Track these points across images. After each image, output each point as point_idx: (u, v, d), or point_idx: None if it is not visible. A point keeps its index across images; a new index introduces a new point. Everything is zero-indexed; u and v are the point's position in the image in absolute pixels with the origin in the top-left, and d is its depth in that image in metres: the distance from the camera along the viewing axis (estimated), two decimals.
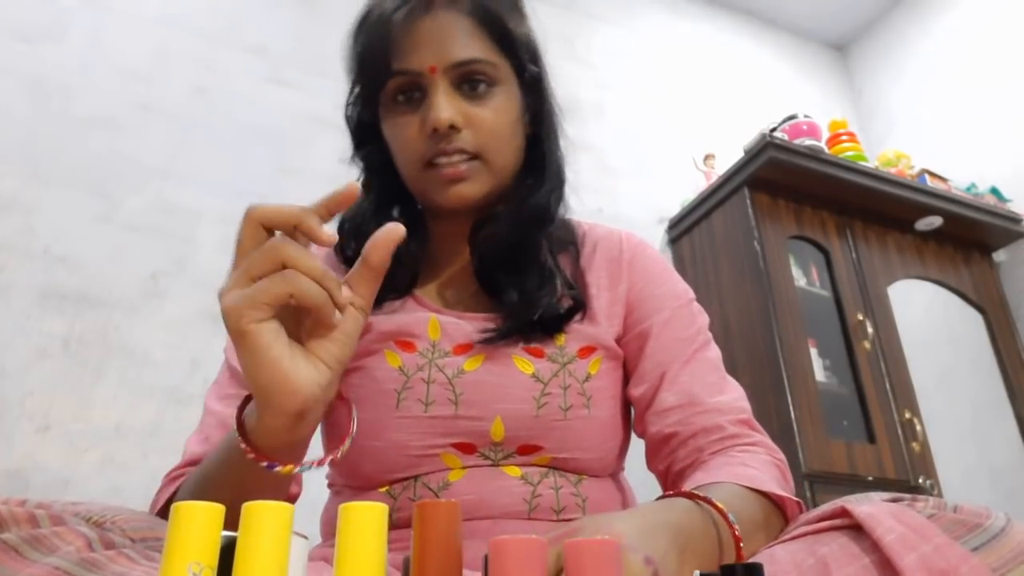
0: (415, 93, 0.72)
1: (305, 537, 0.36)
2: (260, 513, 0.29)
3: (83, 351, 1.63)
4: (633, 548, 0.42)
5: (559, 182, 0.78)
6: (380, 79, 0.72)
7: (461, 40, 0.72)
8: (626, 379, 0.77)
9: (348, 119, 0.81)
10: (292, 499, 0.67)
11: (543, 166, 0.77)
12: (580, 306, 0.74)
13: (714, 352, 0.77)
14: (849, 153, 2.44)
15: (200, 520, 0.29)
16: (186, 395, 1.66)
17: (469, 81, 0.72)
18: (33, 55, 1.86)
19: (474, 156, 0.71)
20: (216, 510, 0.30)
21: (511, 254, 0.74)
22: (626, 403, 0.77)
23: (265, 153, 2.01)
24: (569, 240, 0.80)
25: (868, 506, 0.47)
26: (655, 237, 2.49)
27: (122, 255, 1.75)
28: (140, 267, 1.76)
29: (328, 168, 2.05)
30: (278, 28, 2.20)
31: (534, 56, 0.79)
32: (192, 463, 0.66)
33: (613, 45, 2.83)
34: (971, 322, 2.51)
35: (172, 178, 1.88)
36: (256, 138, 2.01)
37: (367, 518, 0.30)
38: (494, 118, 0.72)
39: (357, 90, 0.78)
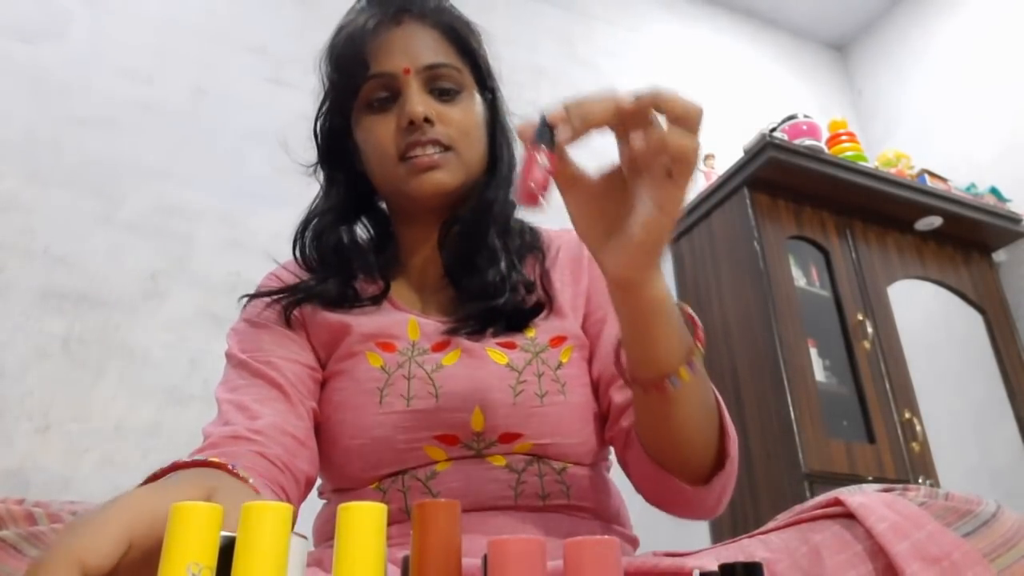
0: (388, 98, 0.78)
1: (304, 537, 0.36)
2: (259, 513, 0.29)
3: (83, 351, 1.63)
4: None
5: (508, 178, 0.84)
6: (356, 83, 0.78)
7: (430, 47, 0.79)
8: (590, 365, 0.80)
9: (317, 131, 0.85)
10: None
11: (496, 168, 0.84)
12: (544, 304, 0.79)
13: None
14: (849, 153, 2.44)
15: (199, 520, 0.29)
16: (186, 395, 1.66)
17: (439, 84, 0.79)
18: (33, 55, 1.86)
19: (447, 148, 0.77)
20: (215, 510, 0.30)
21: (470, 249, 0.79)
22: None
23: (264, 153, 2.01)
24: (535, 245, 0.85)
25: (861, 496, 0.48)
26: None
27: (122, 255, 1.75)
28: (140, 267, 1.76)
29: None
30: (278, 28, 2.20)
31: (491, 74, 0.86)
32: (213, 446, 0.67)
33: (613, 45, 2.83)
34: (971, 322, 2.51)
35: (172, 178, 1.88)
36: (255, 138, 2.01)
37: (366, 518, 0.30)
38: (462, 116, 0.79)
39: (329, 102, 0.84)
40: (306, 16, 2.26)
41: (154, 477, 0.49)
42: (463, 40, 0.83)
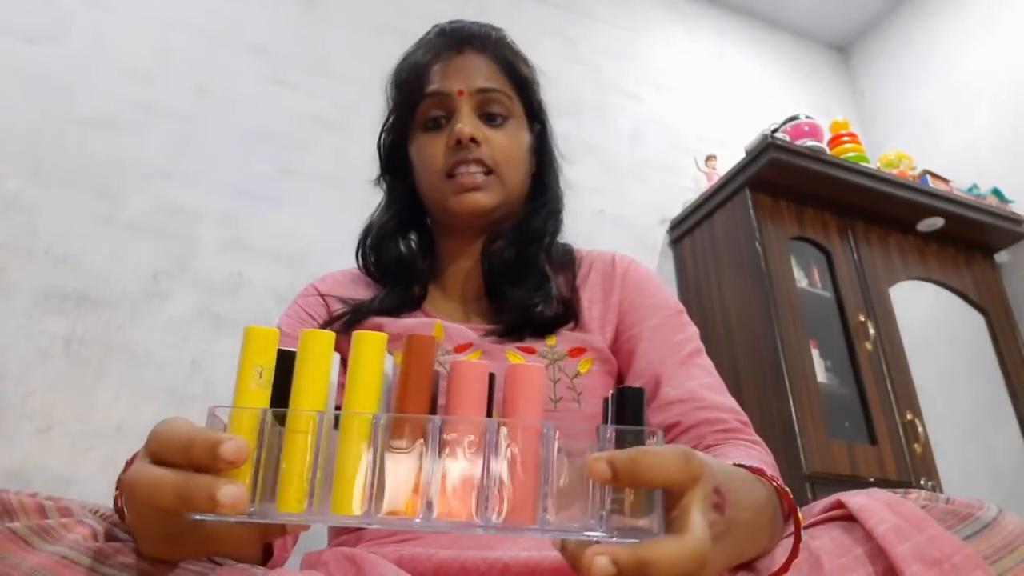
0: (442, 118, 0.86)
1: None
2: (312, 337, 0.44)
3: (84, 351, 1.63)
4: (708, 477, 0.39)
5: (556, 210, 0.92)
6: (415, 100, 0.86)
7: (485, 73, 0.88)
8: (620, 382, 0.82)
9: (380, 145, 0.95)
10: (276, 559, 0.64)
11: (544, 197, 0.92)
12: (571, 315, 0.83)
13: (708, 361, 0.84)
14: (851, 154, 2.44)
15: (262, 337, 0.43)
16: (187, 395, 1.66)
17: (489, 108, 0.86)
18: (35, 55, 1.86)
19: (489, 171, 0.84)
20: (273, 332, 0.44)
21: (514, 267, 0.85)
22: None
23: (266, 153, 2.01)
24: (567, 262, 0.91)
25: (863, 497, 0.49)
26: (657, 238, 2.48)
27: (123, 255, 1.75)
28: (141, 267, 1.76)
29: (329, 168, 2.05)
30: (279, 29, 2.20)
31: (541, 109, 0.95)
32: None
33: (615, 46, 2.83)
34: (973, 323, 2.51)
35: (173, 178, 1.88)
36: (257, 138, 2.01)
37: (371, 344, 0.45)
38: (508, 142, 0.86)
39: (391, 119, 0.92)
40: (307, 17, 2.26)
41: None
42: (517, 72, 0.91)
